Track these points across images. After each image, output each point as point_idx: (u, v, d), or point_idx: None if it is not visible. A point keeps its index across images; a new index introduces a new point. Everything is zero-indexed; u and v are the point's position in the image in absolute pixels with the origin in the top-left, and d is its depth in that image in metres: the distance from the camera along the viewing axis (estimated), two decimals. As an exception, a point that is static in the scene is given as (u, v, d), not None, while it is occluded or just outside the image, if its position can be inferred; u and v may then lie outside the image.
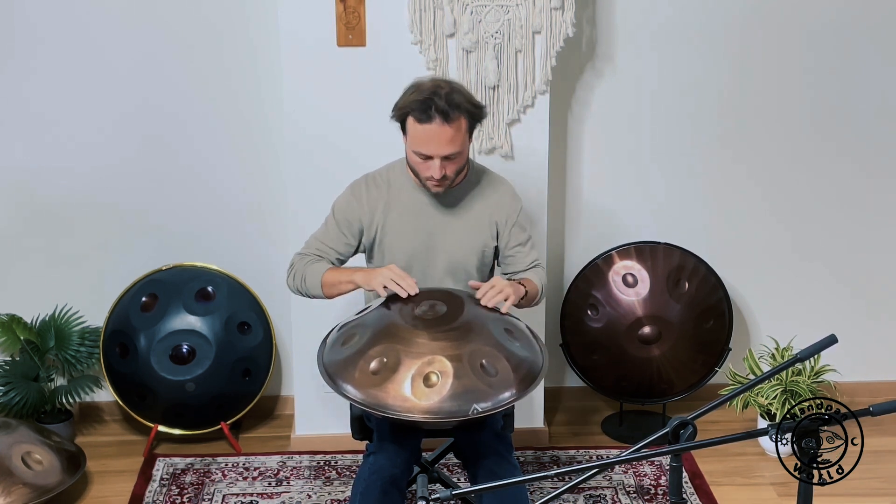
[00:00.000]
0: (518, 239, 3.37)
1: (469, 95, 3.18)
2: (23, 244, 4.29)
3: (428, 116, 3.07)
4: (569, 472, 2.31)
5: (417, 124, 3.10)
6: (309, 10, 3.80)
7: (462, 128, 3.12)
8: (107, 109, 4.17)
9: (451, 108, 3.07)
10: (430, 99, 3.07)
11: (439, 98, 3.07)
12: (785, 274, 4.51)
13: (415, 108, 3.09)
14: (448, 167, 3.15)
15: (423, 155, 3.13)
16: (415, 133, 3.12)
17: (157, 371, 4.11)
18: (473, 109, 3.14)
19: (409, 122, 3.13)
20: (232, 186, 4.29)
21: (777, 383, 4.05)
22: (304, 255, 3.36)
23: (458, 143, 3.12)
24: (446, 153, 3.11)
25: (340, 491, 3.97)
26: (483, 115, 3.21)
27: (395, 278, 3.11)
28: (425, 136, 3.10)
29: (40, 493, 3.70)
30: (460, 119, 3.10)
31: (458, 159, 3.16)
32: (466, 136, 3.15)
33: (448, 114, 3.07)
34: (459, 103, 3.10)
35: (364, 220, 3.31)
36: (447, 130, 3.08)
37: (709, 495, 3.94)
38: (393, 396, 2.87)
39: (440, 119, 3.07)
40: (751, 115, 4.32)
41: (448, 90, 3.10)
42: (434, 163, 3.12)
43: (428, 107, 3.07)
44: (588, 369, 4.37)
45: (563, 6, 3.83)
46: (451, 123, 3.08)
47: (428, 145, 3.10)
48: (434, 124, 3.07)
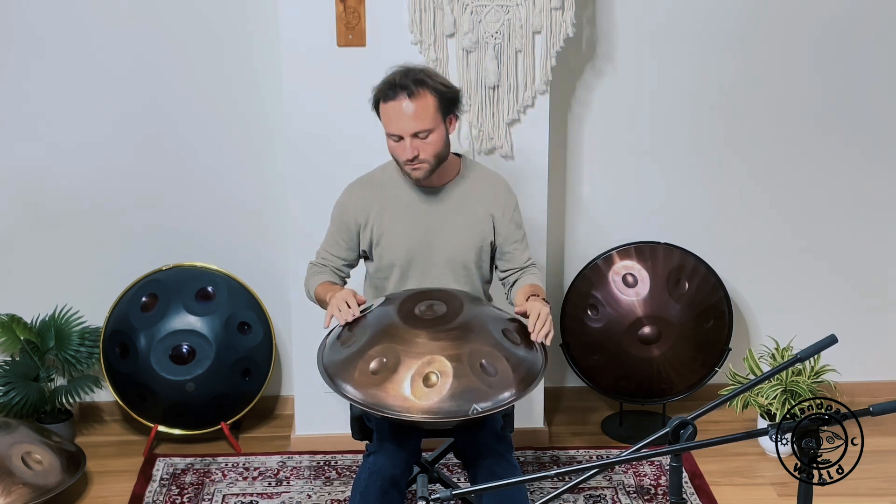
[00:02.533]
0: (515, 235, 3.38)
1: (441, 78, 3.21)
2: (23, 244, 4.29)
3: (393, 94, 3.12)
4: (569, 472, 2.31)
5: (383, 104, 3.15)
6: (309, 10, 3.80)
7: (429, 105, 3.12)
8: (107, 110, 4.17)
9: (414, 84, 3.11)
10: (393, 78, 3.14)
11: (403, 76, 3.13)
12: (785, 274, 4.51)
13: (381, 89, 3.15)
14: (421, 148, 3.14)
15: (394, 136, 3.15)
16: (384, 114, 3.16)
17: (157, 371, 4.11)
18: (442, 88, 3.16)
19: (380, 108, 3.17)
20: (232, 186, 4.29)
21: (777, 383, 4.05)
22: (312, 265, 3.43)
23: (427, 119, 3.12)
24: (413, 130, 3.12)
25: (340, 491, 3.97)
26: (455, 96, 3.20)
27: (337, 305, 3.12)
28: (391, 114, 3.13)
29: (40, 493, 3.70)
30: (425, 95, 3.12)
31: (430, 139, 3.15)
32: (437, 114, 3.15)
33: (410, 88, 3.10)
34: (423, 80, 3.13)
35: (360, 220, 3.32)
36: (410, 105, 3.10)
37: (709, 495, 3.94)
38: (392, 396, 2.87)
39: (403, 94, 3.10)
40: (751, 115, 4.32)
41: (408, 70, 3.16)
42: (405, 142, 3.13)
43: (392, 85, 3.12)
44: (588, 369, 4.37)
45: (563, 6, 3.83)
46: (414, 99, 3.10)
47: (394, 123, 3.13)
48: (397, 100, 3.11)
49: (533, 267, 3.42)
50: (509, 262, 3.40)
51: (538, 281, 3.36)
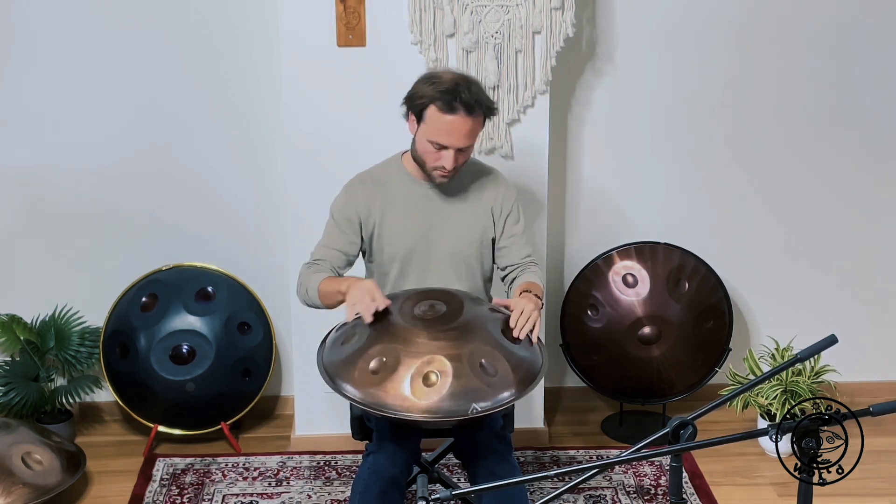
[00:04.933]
0: (513, 230, 3.39)
1: (486, 94, 3.25)
2: (23, 244, 4.30)
3: (452, 108, 3.12)
4: (569, 472, 2.31)
5: (441, 114, 3.13)
6: (309, 10, 3.81)
7: (480, 123, 3.19)
8: (107, 110, 4.17)
9: (474, 102, 3.14)
10: (455, 90, 3.13)
11: (465, 91, 3.13)
12: (785, 274, 4.51)
13: (439, 98, 3.13)
14: (459, 159, 3.20)
15: (440, 145, 3.16)
16: (437, 123, 3.15)
17: (157, 371, 4.11)
18: (491, 106, 3.23)
19: (429, 112, 3.16)
20: (232, 186, 4.29)
21: (777, 383, 4.05)
22: (308, 265, 3.35)
23: (475, 136, 3.19)
24: (463, 145, 3.16)
25: (340, 491, 3.97)
26: (494, 114, 3.27)
27: (362, 307, 3.05)
28: (447, 127, 3.13)
29: (40, 493, 3.70)
30: (480, 115, 3.17)
31: (468, 152, 3.23)
32: (480, 131, 3.23)
33: (472, 107, 3.13)
34: (482, 99, 3.17)
35: (362, 215, 3.32)
36: (468, 123, 3.14)
37: (709, 495, 3.94)
38: (392, 396, 2.87)
39: (464, 111, 3.12)
40: (751, 115, 4.32)
41: (472, 84, 3.18)
42: (448, 153, 3.17)
43: (454, 98, 3.12)
44: (588, 369, 4.37)
45: (563, 6, 3.83)
46: (473, 117, 3.14)
47: (448, 136, 3.14)
48: (458, 115, 3.12)
49: (533, 265, 3.42)
50: (507, 257, 3.40)
51: (537, 278, 3.36)
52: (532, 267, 3.41)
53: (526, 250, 3.42)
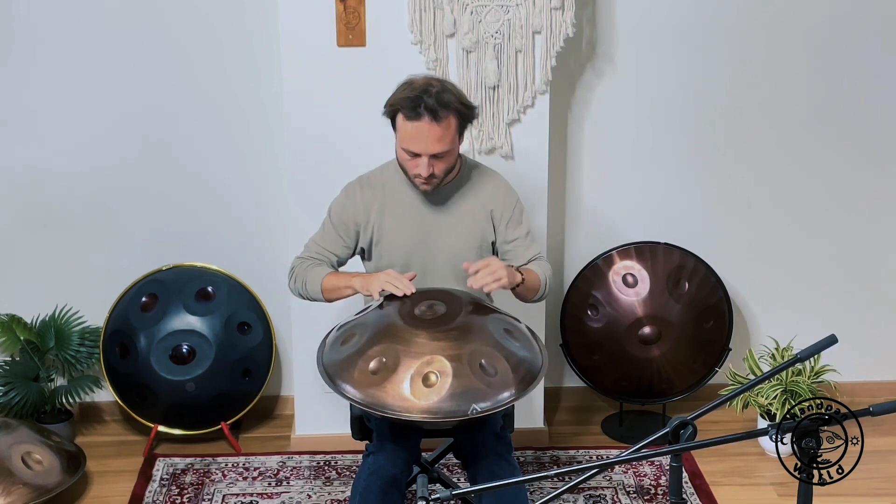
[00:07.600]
0: (514, 234, 3.36)
1: (461, 95, 3.18)
2: (23, 244, 4.29)
3: (417, 114, 3.07)
4: (569, 472, 2.31)
5: (406, 121, 3.11)
6: (309, 10, 3.80)
7: (451, 127, 3.12)
8: (107, 110, 4.17)
9: (440, 106, 3.07)
10: (419, 97, 3.08)
11: (429, 96, 3.07)
12: (785, 274, 4.51)
13: (404, 105, 3.10)
14: (436, 165, 3.16)
15: (412, 152, 3.14)
16: (403, 130, 3.13)
17: (157, 371, 4.11)
18: (464, 109, 3.15)
19: (398, 119, 3.14)
20: (232, 186, 4.29)
21: (777, 383, 4.05)
22: (303, 259, 3.35)
23: (447, 141, 3.12)
24: (434, 151, 3.12)
25: (340, 491, 3.97)
26: (474, 116, 3.21)
27: (391, 280, 3.11)
28: (414, 134, 3.10)
29: (40, 493, 3.70)
30: (449, 118, 3.10)
31: (446, 158, 3.17)
32: (456, 135, 3.16)
33: (437, 112, 3.07)
34: (449, 102, 3.10)
35: (360, 221, 3.31)
36: (435, 129, 3.08)
37: (709, 495, 3.94)
38: (392, 396, 2.87)
39: (429, 117, 3.07)
40: (751, 115, 4.32)
41: (439, 88, 3.11)
42: (422, 160, 3.13)
43: (417, 104, 3.07)
44: (588, 369, 4.37)
45: (563, 6, 3.83)
46: (439, 122, 3.08)
47: (416, 143, 3.11)
48: (423, 122, 3.08)
49: (540, 260, 3.38)
50: (514, 260, 3.38)
51: (538, 268, 3.32)
52: (537, 260, 3.39)
53: (532, 251, 3.39)
